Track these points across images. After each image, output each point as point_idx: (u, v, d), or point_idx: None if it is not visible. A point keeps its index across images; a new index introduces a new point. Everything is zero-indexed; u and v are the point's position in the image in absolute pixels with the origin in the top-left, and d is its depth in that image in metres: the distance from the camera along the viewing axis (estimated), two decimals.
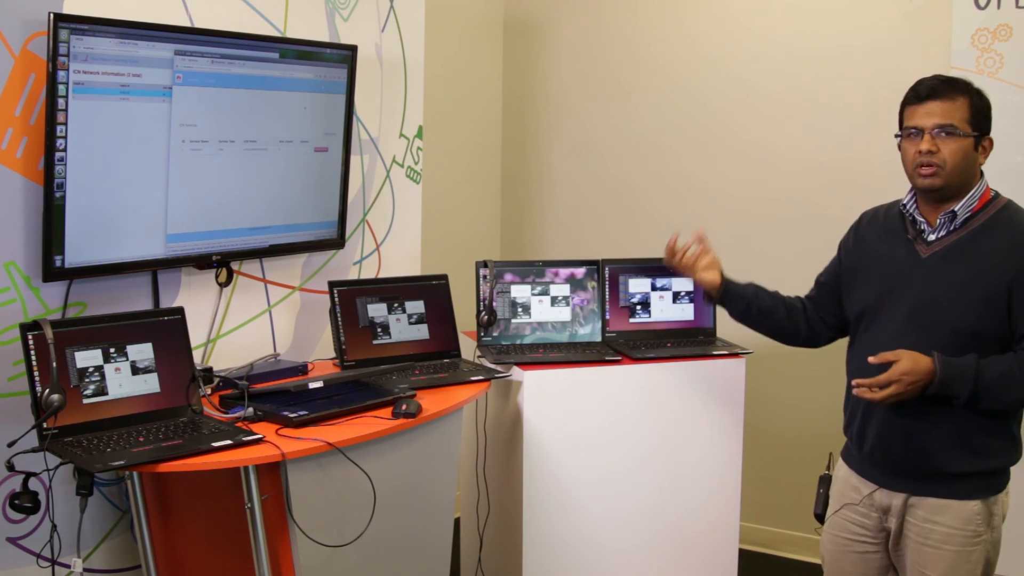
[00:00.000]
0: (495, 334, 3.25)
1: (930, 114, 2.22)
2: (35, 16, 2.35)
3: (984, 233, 2.23)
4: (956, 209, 2.25)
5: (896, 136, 2.32)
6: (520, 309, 3.27)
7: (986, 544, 2.25)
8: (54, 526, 2.35)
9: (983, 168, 2.30)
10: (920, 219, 2.31)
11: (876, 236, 2.41)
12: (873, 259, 2.40)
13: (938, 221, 2.27)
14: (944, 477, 2.25)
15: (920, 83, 2.28)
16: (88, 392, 2.28)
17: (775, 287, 2.70)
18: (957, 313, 2.22)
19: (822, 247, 2.70)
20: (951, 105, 2.21)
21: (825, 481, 2.53)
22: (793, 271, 3.89)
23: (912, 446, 2.27)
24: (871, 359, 2.25)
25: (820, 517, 2.52)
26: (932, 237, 2.28)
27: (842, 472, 2.46)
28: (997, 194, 2.30)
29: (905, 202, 2.35)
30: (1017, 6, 3.31)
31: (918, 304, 2.26)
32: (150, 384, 2.38)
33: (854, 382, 2.28)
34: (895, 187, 2.46)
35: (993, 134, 2.27)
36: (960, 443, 2.23)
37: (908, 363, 2.19)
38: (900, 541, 2.33)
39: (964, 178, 2.24)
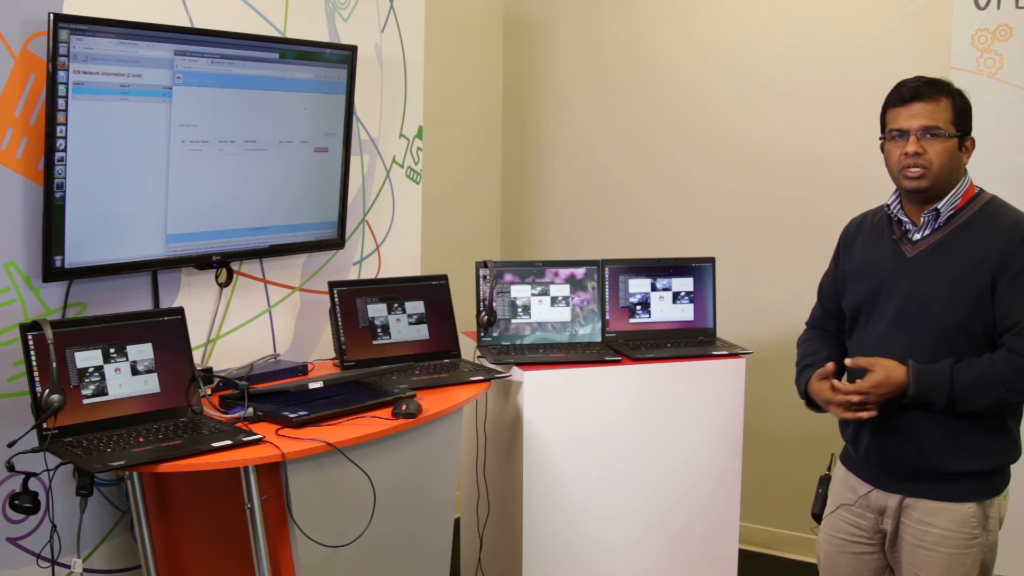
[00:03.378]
0: (495, 334, 3.25)
1: (915, 116, 2.22)
2: (35, 16, 2.34)
3: (967, 229, 2.23)
4: (939, 207, 2.25)
5: (880, 139, 2.32)
6: (520, 309, 3.27)
7: (982, 547, 2.24)
8: (54, 526, 2.35)
9: (966, 166, 2.29)
10: (905, 219, 2.31)
11: (864, 240, 2.42)
12: (861, 263, 2.40)
13: (922, 220, 2.27)
14: (939, 478, 2.24)
15: (902, 85, 2.27)
16: (88, 392, 2.27)
17: (775, 286, 2.70)
18: (944, 310, 2.21)
19: (822, 247, 2.69)
20: (935, 106, 2.21)
21: (825, 481, 2.54)
22: (793, 271, 3.92)
23: (907, 446, 2.27)
24: (847, 361, 2.29)
25: (818, 517, 2.52)
26: (917, 236, 2.28)
27: (840, 473, 2.47)
28: (981, 190, 2.29)
29: (889, 203, 2.35)
30: (1017, 6, 3.30)
31: (905, 303, 2.26)
32: (150, 384, 2.38)
33: (836, 402, 2.27)
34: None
35: (993, 134, 2.28)
36: (955, 441, 2.22)
37: (881, 375, 2.20)
38: (896, 543, 2.33)
39: (950, 178, 2.24)
